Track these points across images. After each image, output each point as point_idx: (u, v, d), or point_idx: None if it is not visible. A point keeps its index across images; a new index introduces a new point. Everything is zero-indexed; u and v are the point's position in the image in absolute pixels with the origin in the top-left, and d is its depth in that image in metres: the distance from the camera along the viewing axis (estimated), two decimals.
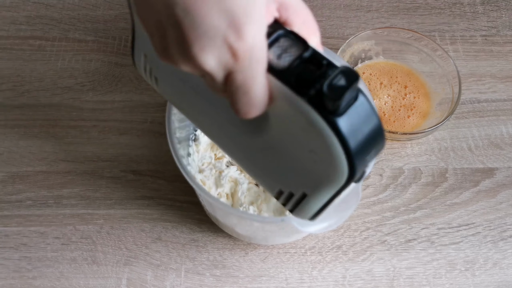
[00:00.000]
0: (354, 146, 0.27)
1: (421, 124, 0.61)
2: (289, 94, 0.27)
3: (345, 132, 0.26)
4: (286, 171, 0.33)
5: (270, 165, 0.34)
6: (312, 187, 0.32)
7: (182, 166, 0.44)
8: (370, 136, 0.28)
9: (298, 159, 0.31)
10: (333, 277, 0.53)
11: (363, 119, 0.27)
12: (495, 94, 0.65)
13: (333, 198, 0.32)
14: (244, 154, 0.36)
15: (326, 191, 0.31)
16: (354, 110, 0.27)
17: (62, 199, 0.57)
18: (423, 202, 0.58)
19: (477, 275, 0.54)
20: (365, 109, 0.27)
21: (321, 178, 0.30)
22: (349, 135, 0.27)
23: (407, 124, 0.61)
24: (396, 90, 0.63)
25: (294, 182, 0.33)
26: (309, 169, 0.31)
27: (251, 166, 0.37)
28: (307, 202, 0.33)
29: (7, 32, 0.68)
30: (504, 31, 0.71)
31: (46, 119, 0.62)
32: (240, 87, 0.27)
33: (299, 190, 0.33)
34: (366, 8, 0.73)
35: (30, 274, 0.53)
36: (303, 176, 0.32)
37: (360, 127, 0.27)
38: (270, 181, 0.36)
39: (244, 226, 0.48)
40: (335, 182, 0.30)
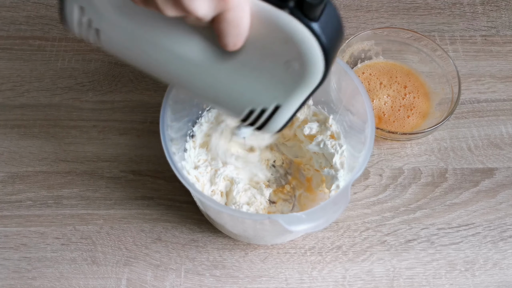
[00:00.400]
0: (328, 46, 0.31)
1: (420, 124, 0.61)
2: (268, 10, 0.30)
3: (322, 35, 0.31)
4: (258, 88, 0.36)
5: (241, 87, 0.36)
6: (285, 96, 0.35)
7: (171, 159, 0.44)
8: (337, 35, 0.33)
9: (273, 73, 0.34)
10: (333, 277, 0.53)
11: (332, 22, 0.32)
12: (494, 94, 0.65)
13: (304, 102, 0.36)
14: (211, 85, 0.37)
15: (301, 95, 0.35)
16: (325, 15, 0.31)
17: (62, 200, 0.57)
18: (423, 202, 0.58)
19: (477, 276, 0.54)
20: (333, 13, 0.32)
21: (297, 84, 0.34)
22: (325, 37, 0.31)
23: (406, 124, 0.61)
24: (395, 90, 0.63)
25: (267, 97, 0.36)
26: (283, 79, 0.34)
27: (219, 95, 0.38)
28: (279, 113, 0.37)
29: (7, 32, 0.68)
30: (503, 31, 0.71)
31: (46, 119, 0.62)
32: (231, 23, 0.29)
33: (272, 103, 0.36)
34: (366, 8, 0.73)
35: (30, 274, 0.53)
36: (277, 88, 0.35)
37: (331, 29, 0.32)
38: (239, 104, 0.38)
39: (234, 224, 0.48)
40: (312, 82, 0.34)
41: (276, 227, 0.46)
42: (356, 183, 0.59)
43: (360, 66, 0.65)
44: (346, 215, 0.57)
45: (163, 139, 0.45)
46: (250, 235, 0.51)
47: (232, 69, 0.35)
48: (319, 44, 0.31)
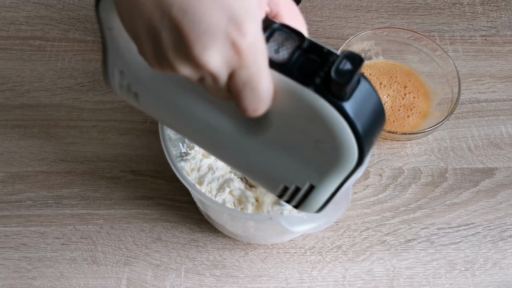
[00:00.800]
0: (362, 129, 0.28)
1: (420, 124, 0.61)
2: (293, 86, 0.27)
3: (353, 116, 0.27)
4: (291, 166, 0.33)
5: (273, 162, 0.34)
6: (319, 177, 0.32)
7: (171, 159, 0.44)
8: (375, 117, 0.28)
9: (304, 151, 0.31)
10: (333, 277, 0.53)
11: (367, 102, 0.28)
12: (494, 94, 0.65)
13: (342, 185, 0.32)
14: (243, 156, 0.36)
15: (335, 179, 0.31)
16: (358, 94, 0.27)
17: (62, 199, 0.57)
18: (422, 202, 0.58)
19: (477, 275, 0.54)
20: (368, 92, 0.28)
21: (329, 166, 0.31)
22: (357, 118, 0.27)
23: (406, 124, 0.61)
24: (395, 90, 0.63)
25: (301, 176, 0.33)
26: (316, 159, 0.31)
27: (252, 167, 0.36)
28: (315, 193, 0.33)
29: (7, 33, 0.68)
30: (503, 31, 0.71)
31: (46, 119, 0.62)
32: (247, 84, 0.27)
33: (306, 182, 0.33)
34: (366, 8, 0.73)
35: (30, 274, 0.53)
36: (310, 168, 0.32)
37: (365, 109, 0.28)
38: (273, 180, 0.35)
39: (234, 223, 0.48)
40: (345, 167, 0.30)
41: (277, 227, 0.46)
42: (356, 183, 0.59)
43: None
44: (346, 215, 0.57)
45: (162, 139, 0.45)
46: (250, 235, 0.51)
47: (262, 143, 0.33)
48: (350, 126, 0.27)
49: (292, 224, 0.41)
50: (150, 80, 0.36)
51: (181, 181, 0.44)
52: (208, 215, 0.51)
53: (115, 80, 0.37)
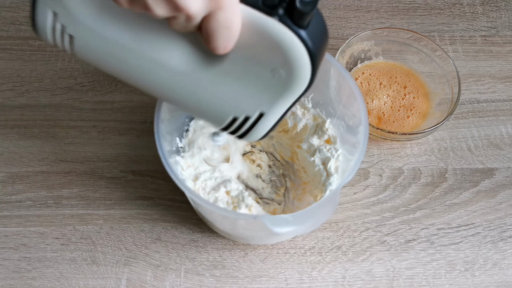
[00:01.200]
0: (316, 52, 0.32)
1: (420, 124, 0.61)
2: (258, 18, 0.30)
3: (310, 42, 0.31)
4: (243, 96, 0.35)
5: (225, 95, 0.36)
6: (270, 104, 0.35)
7: (163, 154, 0.44)
8: (323, 43, 0.33)
9: (258, 80, 0.34)
10: (333, 277, 0.53)
11: (319, 30, 0.32)
12: (494, 94, 0.65)
13: (289, 109, 0.36)
14: (193, 93, 0.36)
15: (285, 102, 0.35)
16: (314, 23, 0.31)
17: (61, 200, 0.57)
18: (422, 202, 0.58)
19: (476, 276, 0.54)
20: (320, 20, 0.32)
21: (282, 91, 0.34)
22: (313, 44, 0.31)
23: (406, 125, 0.61)
24: (395, 91, 0.63)
25: (252, 105, 0.35)
26: (270, 87, 0.34)
27: (200, 103, 0.37)
28: (263, 121, 0.36)
29: (7, 33, 0.68)
30: (503, 32, 0.71)
31: (46, 119, 0.62)
32: (223, 24, 0.29)
33: (256, 110, 0.36)
34: (366, 9, 0.73)
35: (29, 274, 0.53)
36: (262, 96, 0.35)
37: (318, 36, 0.32)
38: (222, 112, 0.37)
39: (222, 222, 0.48)
40: (298, 89, 0.33)
41: (263, 228, 0.46)
42: (356, 183, 0.59)
43: (360, 66, 0.65)
44: (346, 215, 0.57)
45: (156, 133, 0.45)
46: (240, 234, 0.51)
47: (217, 76, 0.34)
48: (307, 51, 0.31)
49: (276, 224, 0.40)
50: (91, 20, 0.34)
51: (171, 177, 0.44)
52: (200, 212, 0.51)
53: (46, 24, 0.35)
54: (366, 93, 0.63)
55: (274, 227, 0.41)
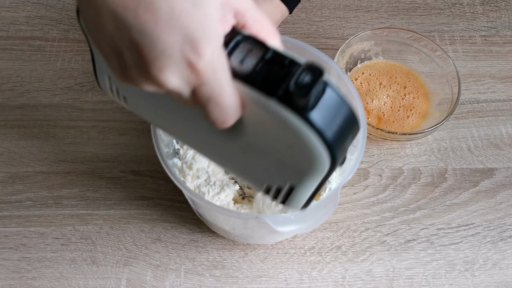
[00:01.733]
0: (330, 135, 0.28)
1: (420, 124, 0.61)
2: (258, 97, 0.28)
3: (319, 124, 0.28)
4: (270, 168, 0.34)
5: (253, 164, 0.35)
6: (297, 179, 0.33)
7: (161, 154, 0.44)
8: (344, 123, 0.29)
9: (279, 156, 0.32)
10: (333, 277, 0.53)
11: (334, 109, 0.28)
12: (494, 94, 0.65)
13: (320, 186, 0.33)
14: (226, 157, 0.37)
15: (311, 181, 0.32)
16: (324, 102, 0.28)
17: (61, 200, 0.57)
18: (422, 202, 0.58)
19: (476, 276, 0.54)
20: (334, 99, 0.28)
21: (305, 170, 0.32)
22: (324, 126, 0.28)
23: (406, 125, 0.61)
24: (395, 91, 0.63)
25: (280, 177, 0.34)
26: (291, 163, 0.32)
27: (235, 167, 0.37)
28: (295, 193, 0.34)
29: (6, 33, 0.68)
30: (503, 31, 0.71)
31: (46, 119, 0.62)
32: (209, 100, 0.27)
33: (286, 183, 0.34)
34: (366, 9, 0.73)
35: (29, 274, 0.53)
36: (287, 171, 0.33)
37: (332, 116, 0.28)
38: (256, 179, 0.36)
39: (223, 221, 0.48)
40: (319, 171, 0.31)
41: (264, 227, 0.46)
42: (356, 183, 0.59)
43: (359, 67, 0.65)
44: (346, 215, 0.57)
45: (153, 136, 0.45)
46: (239, 233, 0.51)
47: (240, 147, 0.34)
48: (317, 133, 0.28)
49: (278, 223, 0.41)
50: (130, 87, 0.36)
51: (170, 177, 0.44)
52: (199, 213, 0.51)
53: (106, 84, 0.38)
54: (366, 93, 0.63)
55: (276, 226, 0.41)
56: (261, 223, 0.42)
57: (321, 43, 0.69)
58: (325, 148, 0.29)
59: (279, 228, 0.41)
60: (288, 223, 0.41)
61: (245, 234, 0.52)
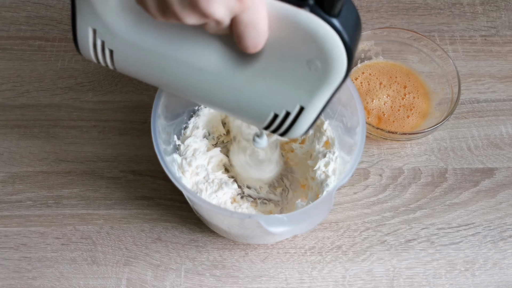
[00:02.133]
0: (350, 40, 0.31)
1: (420, 124, 0.61)
2: (288, 10, 0.30)
3: (343, 30, 0.30)
4: (282, 92, 0.35)
5: (263, 92, 0.36)
6: (309, 97, 0.35)
7: (159, 152, 0.44)
8: (357, 30, 0.32)
9: (295, 74, 0.34)
10: (333, 277, 0.53)
11: (351, 17, 0.31)
12: (494, 94, 0.65)
13: (329, 101, 0.35)
14: (232, 94, 0.37)
15: (324, 94, 0.34)
16: (345, 11, 0.31)
17: (62, 199, 0.57)
18: (422, 202, 0.58)
19: (477, 275, 0.54)
20: (352, 8, 0.31)
21: (321, 82, 0.33)
22: (346, 33, 0.31)
23: (406, 124, 0.61)
24: (395, 90, 0.63)
25: (291, 99, 0.35)
26: (307, 80, 0.34)
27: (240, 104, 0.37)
28: (304, 115, 0.36)
29: (7, 33, 0.68)
30: (503, 31, 0.71)
31: (46, 119, 0.62)
32: (248, 25, 0.29)
33: (296, 105, 0.35)
34: (366, 8, 0.73)
35: (30, 274, 0.53)
36: (301, 89, 0.34)
37: (350, 24, 0.31)
38: (262, 110, 0.37)
39: (219, 220, 0.48)
40: (336, 79, 0.33)
41: (258, 227, 0.46)
42: (356, 183, 0.59)
43: (360, 66, 0.65)
44: (346, 215, 0.57)
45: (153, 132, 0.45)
46: (235, 232, 0.51)
47: (254, 74, 0.34)
48: (341, 40, 0.31)
49: (271, 224, 0.41)
50: (128, 33, 0.35)
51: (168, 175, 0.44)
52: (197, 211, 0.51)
53: (88, 42, 0.36)
54: (366, 93, 0.63)
55: (269, 227, 0.41)
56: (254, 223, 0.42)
57: None
58: (345, 53, 0.31)
59: (271, 228, 0.41)
60: (281, 224, 0.41)
61: (243, 234, 0.52)
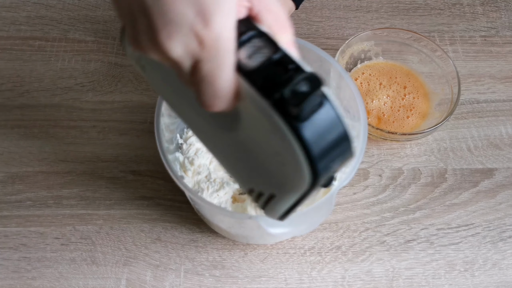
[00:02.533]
0: (316, 152, 0.27)
1: (420, 124, 0.61)
2: (255, 95, 0.27)
3: (307, 137, 0.26)
4: (256, 170, 0.33)
5: (242, 162, 0.34)
6: (279, 189, 0.32)
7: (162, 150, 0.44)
8: (334, 143, 0.27)
9: (266, 160, 0.31)
10: (333, 277, 0.53)
11: (327, 126, 0.27)
12: (494, 94, 0.65)
13: (299, 202, 0.32)
14: (219, 148, 0.36)
15: (291, 194, 0.31)
16: (318, 117, 0.26)
17: (61, 200, 0.57)
18: (422, 202, 0.58)
19: (476, 276, 0.54)
20: (330, 116, 0.27)
21: (287, 181, 0.30)
22: (311, 141, 0.26)
23: (406, 125, 0.61)
24: (395, 91, 0.63)
25: (263, 182, 0.33)
26: (276, 170, 0.31)
27: (225, 160, 0.37)
28: (275, 202, 0.33)
29: (7, 33, 0.68)
30: (503, 32, 0.71)
31: (46, 119, 0.62)
32: (205, 77, 0.27)
33: (268, 190, 0.33)
34: (366, 9, 0.73)
35: (29, 274, 0.53)
36: (271, 177, 0.32)
37: (323, 133, 0.27)
38: (241, 178, 0.36)
39: (220, 220, 0.48)
40: (299, 186, 0.29)
41: (260, 227, 0.46)
42: (356, 183, 0.59)
43: (359, 67, 0.65)
44: (345, 216, 0.57)
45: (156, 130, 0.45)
46: (236, 232, 0.51)
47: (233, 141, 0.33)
48: (301, 146, 0.26)
49: (271, 225, 0.41)
50: None
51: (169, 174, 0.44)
52: (198, 210, 0.51)
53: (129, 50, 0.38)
54: (366, 93, 0.63)
55: (269, 228, 0.41)
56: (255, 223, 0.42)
57: (321, 43, 0.69)
58: (308, 164, 0.27)
59: (272, 229, 0.41)
60: (281, 225, 0.41)
61: (244, 234, 0.52)
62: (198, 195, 0.44)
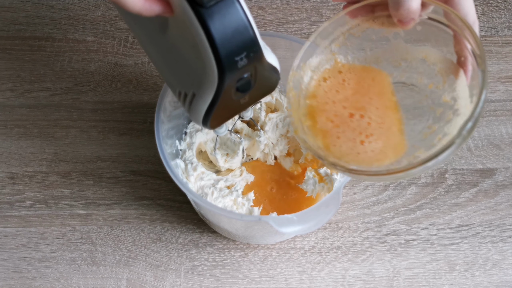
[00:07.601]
0: (219, 38, 0.29)
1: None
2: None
3: (208, 22, 0.28)
4: (182, 71, 0.35)
5: (171, 65, 0.36)
6: (198, 86, 0.34)
7: (164, 155, 0.44)
8: (236, 32, 0.29)
9: (188, 57, 0.33)
10: (333, 277, 0.53)
11: (230, 16, 0.29)
12: (494, 94, 0.65)
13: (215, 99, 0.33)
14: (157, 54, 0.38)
15: (207, 90, 0.33)
16: (222, 6, 0.28)
17: (61, 200, 0.57)
18: (422, 202, 0.58)
19: (476, 276, 0.54)
20: (233, 7, 0.29)
21: (202, 75, 0.32)
22: (213, 26, 0.28)
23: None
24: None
25: (186, 82, 0.35)
26: (194, 67, 0.33)
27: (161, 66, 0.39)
28: (196, 102, 0.35)
29: (7, 33, 0.68)
30: (503, 32, 0.71)
31: (46, 119, 0.62)
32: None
33: (190, 89, 0.35)
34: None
35: (29, 274, 0.53)
36: (192, 76, 0.34)
37: (225, 21, 0.29)
38: (172, 81, 0.38)
39: (224, 221, 0.48)
40: (211, 77, 0.31)
41: (267, 228, 0.46)
42: (356, 183, 0.59)
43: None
44: (346, 216, 0.57)
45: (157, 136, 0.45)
46: (241, 233, 0.51)
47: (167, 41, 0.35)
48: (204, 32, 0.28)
49: (281, 225, 0.41)
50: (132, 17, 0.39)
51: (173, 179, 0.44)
52: (202, 214, 0.51)
53: None
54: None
55: (279, 227, 0.41)
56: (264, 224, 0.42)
57: None
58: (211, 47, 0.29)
59: (282, 229, 0.41)
60: (291, 224, 0.41)
61: (249, 235, 0.52)
62: (205, 200, 0.44)
